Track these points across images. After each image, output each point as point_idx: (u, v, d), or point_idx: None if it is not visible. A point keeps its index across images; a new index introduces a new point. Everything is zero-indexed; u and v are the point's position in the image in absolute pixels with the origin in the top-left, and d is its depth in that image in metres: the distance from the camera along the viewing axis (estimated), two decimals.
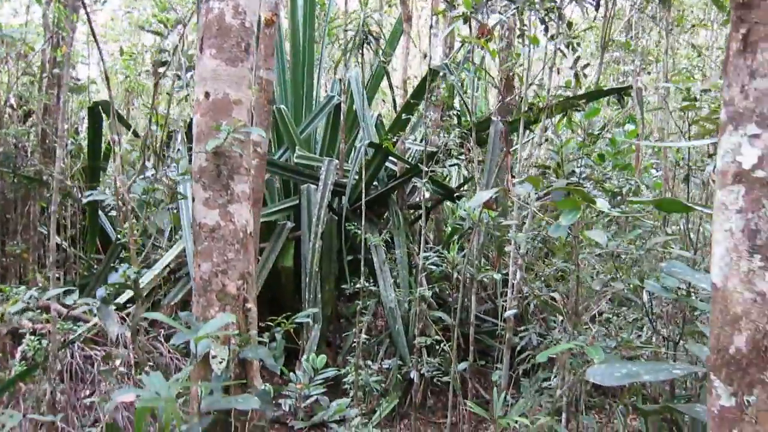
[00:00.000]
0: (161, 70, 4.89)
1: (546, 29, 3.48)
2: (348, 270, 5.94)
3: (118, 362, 2.90)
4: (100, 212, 6.71)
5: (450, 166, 5.14)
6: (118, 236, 3.67)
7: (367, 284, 4.77)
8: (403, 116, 5.27)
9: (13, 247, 6.45)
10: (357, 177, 6.20)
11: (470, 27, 3.90)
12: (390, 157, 6.15)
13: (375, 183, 6.29)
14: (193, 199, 3.06)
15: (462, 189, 6.43)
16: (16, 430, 2.82)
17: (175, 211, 4.13)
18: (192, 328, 2.74)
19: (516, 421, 3.16)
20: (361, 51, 4.36)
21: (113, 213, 6.90)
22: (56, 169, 3.63)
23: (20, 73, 7.40)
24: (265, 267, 6.02)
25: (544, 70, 4.44)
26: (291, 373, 3.51)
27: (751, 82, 1.24)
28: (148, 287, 6.11)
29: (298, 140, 6.28)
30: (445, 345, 4.73)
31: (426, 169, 4.09)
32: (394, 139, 5.28)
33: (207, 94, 3.02)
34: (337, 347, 6.65)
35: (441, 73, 4.89)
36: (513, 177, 3.80)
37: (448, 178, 7.54)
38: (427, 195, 7.22)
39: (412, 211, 7.04)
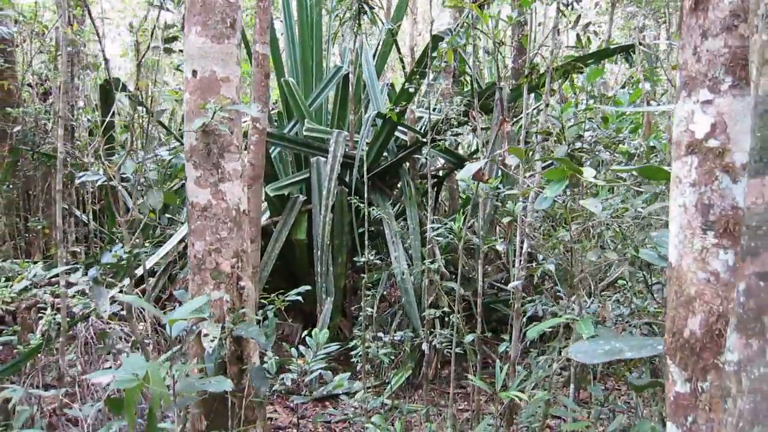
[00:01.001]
0: (167, 46, 4.88)
1: None
2: (361, 242, 5.93)
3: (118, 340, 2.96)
4: (121, 186, 6.81)
5: (453, 135, 5.03)
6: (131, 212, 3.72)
7: (373, 258, 4.74)
8: (408, 86, 5.16)
9: (35, 223, 6.60)
10: (366, 148, 6.14)
11: None
12: (400, 127, 6.07)
13: (385, 154, 6.23)
14: (186, 179, 3.06)
15: (474, 157, 6.32)
16: (24, 403, 2.90)
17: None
18: (185, 306, 2.77)
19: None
20: (358, 21, 4.25)
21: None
22: (59, 148, 3.66)
23: (35, 51, 7.48)
24: (278, 240, 6.05)
25: (552, 33, 4.29)
26: (292, 349, 3.53)
27: (703, 42, 1.14)
28: (164, 261, 6.22)
29: (308, 112, 6.23)
30: (453, 317, 4.71)
31: (426, 139, 4.01)
32: (398, 109, 5.18)
33: (194, 72, 2.99)
34: (353, 319, 6.70)
35: (445, 40, 4.76)
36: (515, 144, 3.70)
37: (465, 146, 7.44)
38: (439, 163, 7.14)
39: (425, 180, 6.97)
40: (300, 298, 3.50)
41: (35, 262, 6.28)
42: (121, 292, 3.84)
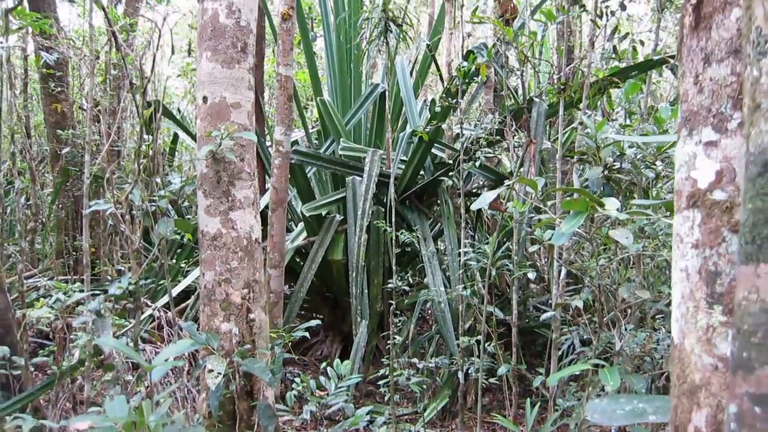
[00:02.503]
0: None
1: (575, 1, 3.10)
2: (397, 263, 5.77)
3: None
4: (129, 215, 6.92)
5: (492, 154, 4.81)
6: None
7: (408, 280, 4.56)
8: (442, 104, 4.98)
9: (81, 242, 6.75)
10: (402, 167, 5.99)
11: (499, 2, 3.57)
12: (438, 144, 5.89)
13: (422, 172, 6.06)
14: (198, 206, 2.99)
15: (516, 174, 6.06)
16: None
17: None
18: (193, 338, 2.68)
19: None
20: (385, 40, 4.11)
21: (185, 204, 7.11)
22: (85, 173, 3.67)
23: (86, 75, 7.70)
24: (315, 261, 5.96)
25: (596, 45, 4.03)
26: (311, 380, 3.39)
27: (706, 69, 0.91)
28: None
29: (344, 131, 6.14)
30: (490, 345, 4.47)
31: (462, 157, 3.81)
32: (429, 129, 5.00)
33: (205, 99, 2.92)
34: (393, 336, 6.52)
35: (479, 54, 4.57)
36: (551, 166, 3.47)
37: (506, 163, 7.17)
38: (481, 181, 6.89)
39: (465, 197, 6.76)
40: (319, 322, 3.38)
41: (81, 280, 6.43)
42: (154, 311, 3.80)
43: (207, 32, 2.89)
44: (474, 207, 2.31)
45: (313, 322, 3.26)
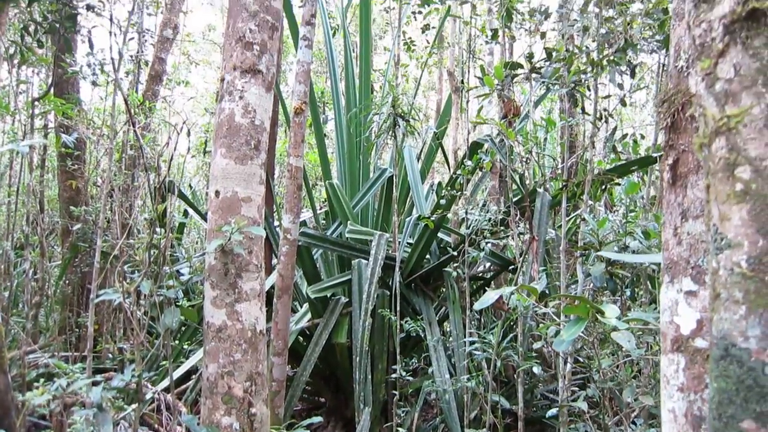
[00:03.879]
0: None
1: (575, 103, 3.25)
2: (402, 348, 5.73)
3: None
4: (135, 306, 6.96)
5: (497, 239, 4.88)
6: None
7: (412, 367, 4.52)
8: (448, 192, 5.11)
9: (85, 319, 6.76)
10: (408, 251, 6.05)
11: (503, 102, 3.74)
12: (444, 229, 5.98)
13: (428, 257, 6.11)
14: (204, 297, 3.04)
15: (521, 259, 6.11)
16: None
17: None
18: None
19: None
20: (393, 134, 4.29)
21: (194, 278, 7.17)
22: (96, 256, 3.75)
23: (102, 154, 7.96)
24: (318, 344, 5.92)
25: (596, 144, 4.17)
26: None
27: (683, 224, 0.98)
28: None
29: (351, 214, 6.25)
30: None
31: (466, 244, 3.87)
32: (434, 217, 5.10)
33: (217, 193, 3.03)
34: (397, 427, 6.38)
35: (485, 146, 4.73)
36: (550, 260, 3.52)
37: (512, 248, 7.23)
38: (486, 265, 6.93)
39: (472, 281, 6.77)
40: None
41: (83, 358, 6.40)
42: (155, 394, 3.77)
43: (223, 130, 3.03)
44: (477, 307, 2.34)
45: (316, 419, 3.23)
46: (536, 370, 3.65)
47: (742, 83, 0.60)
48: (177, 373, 5.48)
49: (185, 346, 5.89)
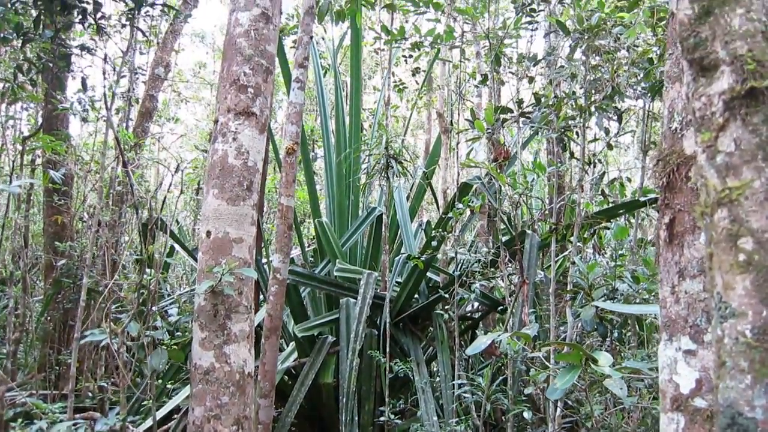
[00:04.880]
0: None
1: (564, 147, 3.32)
2: (390, 389, 5.65)
3: None
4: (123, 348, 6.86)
5: (486, 279, 4.89)
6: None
7: (393, 417, 4.45)
8: (437, 233, 5.13)
9: (66, 357, 6.62)
10: (397, 290, 6.03)
11: (493, 145, 3.79)
12: (432, 269, 5.97)
13: (416, 296, 6.10)
14: (192, 338, 3.00)
15: (512, 301, 6.11)
16: None
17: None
18: None
19: None
20: (386, 175, 4.34)
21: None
22: (82, 294, 3.70)
23: (89, 189, 7.92)
24: (304, 384, 5.83)
25: (584, 187, 4.23)
26: None
27: (681, 282, 1.00)
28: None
29: (340, 253, 6.24)
30: None
31: (456, 284, 3.86)
32: (423, 258, 5.11)
33: (208, 233, 3.02)
34: None
35: (474, 187, 4.77)
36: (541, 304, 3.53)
37: (500, 288, 7.24)
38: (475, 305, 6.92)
39: (460, 322, 6.74)
40: None
41: (63, 396, 6.24)
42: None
43: (215, 171, 3.04)
44: (470, 351, 2.33)
45: None
46: (526, 414, 3.61)
47: (742, 157, 0.62)
48: (160, 413, 5.36)
49: (168, 385, 5.77)
